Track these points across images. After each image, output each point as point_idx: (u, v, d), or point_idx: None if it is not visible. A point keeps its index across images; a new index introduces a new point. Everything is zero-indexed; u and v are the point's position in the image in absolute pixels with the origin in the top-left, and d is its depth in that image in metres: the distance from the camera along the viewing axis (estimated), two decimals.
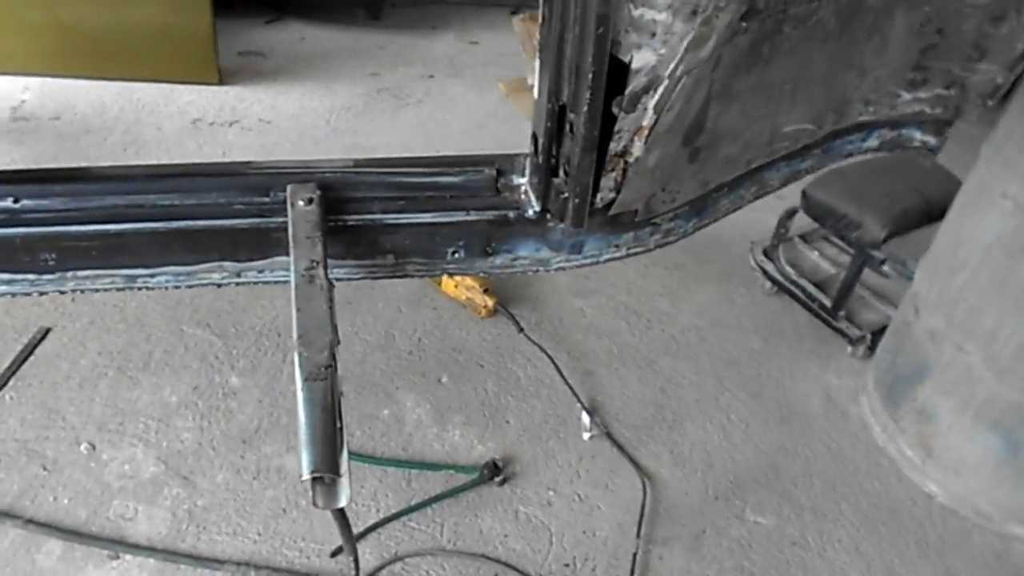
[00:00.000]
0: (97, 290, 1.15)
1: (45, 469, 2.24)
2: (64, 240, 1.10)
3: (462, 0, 5.79)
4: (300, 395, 0.90)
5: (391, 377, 2.66)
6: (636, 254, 1.31)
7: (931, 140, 1.49)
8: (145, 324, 2.75)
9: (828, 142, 1.45)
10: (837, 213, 2.79)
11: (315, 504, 0.88)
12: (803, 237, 3.33)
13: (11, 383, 2.49)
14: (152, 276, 1.17)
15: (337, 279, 1.18)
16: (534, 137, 1.12)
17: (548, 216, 1.20)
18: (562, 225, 1.18)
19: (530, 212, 1.22)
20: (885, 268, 2.94)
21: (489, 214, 1.21)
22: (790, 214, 3.07)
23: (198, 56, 4.19)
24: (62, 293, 1.18)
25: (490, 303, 2.87)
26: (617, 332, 2.95)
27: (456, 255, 1.25)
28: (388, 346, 2.78)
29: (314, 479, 0.85)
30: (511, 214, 1.22)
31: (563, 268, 1.29)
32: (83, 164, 3.03)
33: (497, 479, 2.32)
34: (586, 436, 2.51)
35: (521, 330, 2.86)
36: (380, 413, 2.52)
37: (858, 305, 3.06)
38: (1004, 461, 2.30)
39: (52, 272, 1.14)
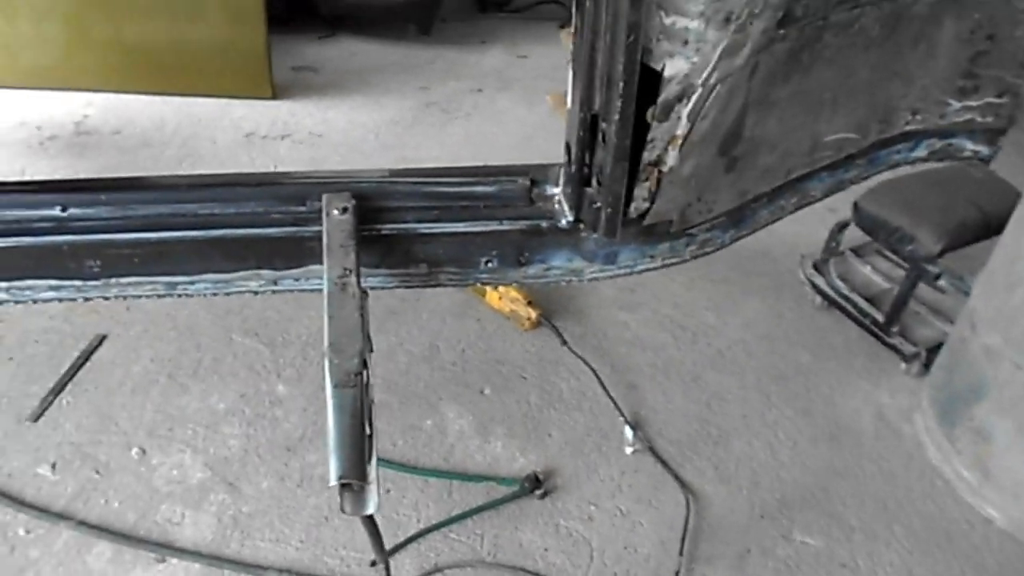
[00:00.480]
0: (139, 296, 1.18)
1: (98, 473, 2.31)
2: (108, 248, 1.14)
3: (511, 14, 5.84)
4: (329, 402, 0.91)
5: (434, 388, 2.67)
6: (671, 265, 1.29)
7: (983, 149, 1.43)
8: (195, 332, 2.82)
9: (873, 152, 1.41)
10: (890, 226, 2.71)
11: (343, 510, 0.89)
12: (855, 251, 3.25)
13: (68, 388, 2.57)
14: (192, 283, 1.20)
15: (371, 288, 1.19)
16: (567, 146, 1.12)
17: (581, 226, 1.19)
18: (595, 235, 1.17)
19: (563, 222, 1.21)
20: (942, 283, 2.85)
21: (522, 224, 1.21)
22: (841, 227, 3.01)
23: (253, 72, 4.30)
24: (106, 299, 1.21)
25: (534, 315, 2.87)
26: (662, 346, 2.92)
27: (489, 264, 1.25)
28: (432, 357, 2.80)
29: (342, 486, 0.86)
30: (544, 224, 1.21)
31: (596, 278, 1.28)
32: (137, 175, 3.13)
33: (538, 492, 2.31)
34: (629, 450, 2.48)
35: (564, 342, 2.85)
36: (423, 424, 2.53)
37: (912, 321, 2.97)
38: None
39: (97, 279, 1.18)
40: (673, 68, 0.93)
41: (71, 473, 2.30)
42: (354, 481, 0.87)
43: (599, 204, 1.10)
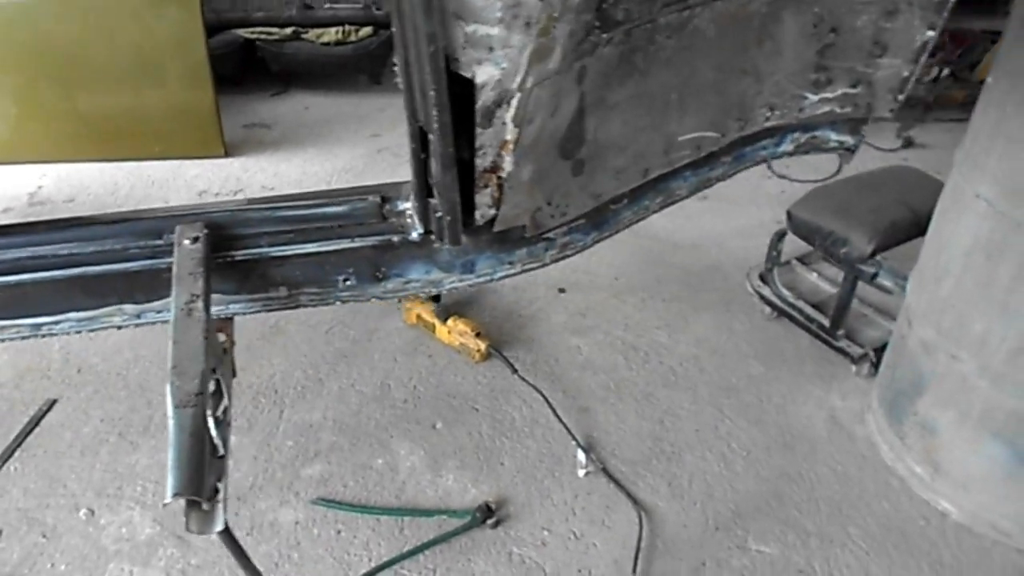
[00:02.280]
0: (3, 340, 1.19)
1: (44, 536, 2.28)
2: None
3: None
4: (170, 422, 0.92)
5: (385, 427, 2.66)
6: (532, 269, 1.31)
7: (848, 139, 1.47)
8: (146, 390, 2.81)
9: (738, 149, 1.45)
10: (823, 231, 2.76)
11: (188, 529, 0.89)
12: (801, 259, 3.29)
13: (16, 454, 2.55)
14: (56, 323, 1.22)
15: (235, 314, 1.21)
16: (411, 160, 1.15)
17: (432, 237, 1.22)
18: (447, 245, 1.20)
19: (414, 235, 1.24)
20: (887, 283, 2.89)
21: (373, 239, 1.24)
22: (780, 236, 3.05)
23: (204, 132, 4.37)
24: None
25: (483, 347, 2.88)
26: (614, 367, 2.93)
27: (348, 282, 1.27)
28: (383, 396, 2.80)
29: (189, 504, 0.87)
30: (395, 238, 1.24)
31: (456, 287, 1.30)
32: None
33: (490, 521, 2.29)
34: (581, 473, 2.47)
35: (515, 371, 2.86)
36: (374, 463, 2.52)
37: (861, 323, 3.00)
38: (1013, 472, 2.20)
39: None
40: (484, 75, 0.97)
41: (17, 539, 2.27)
42: (190, 497, 0.87)
43: (440, 213, 1.12)
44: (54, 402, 2.77)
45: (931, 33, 1.32)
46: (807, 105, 1.40)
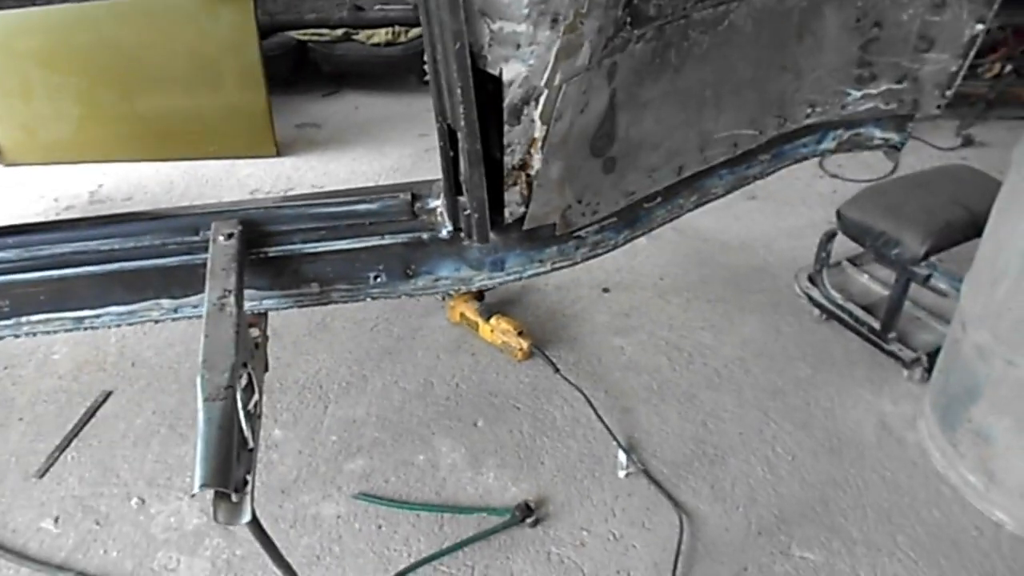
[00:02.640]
0: (49, 332, 1.24)
1: (98, 524, 2.36)
2: (15, 287, 1.20)
3: None
4: (199, 414, 0.94)
5: (427, 424, 2.69)
6: (563, 268, 1.30)
7: (893, 137, 1.43)
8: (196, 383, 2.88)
9: (777, 146, 1.41)
10: (874, 231, 2.68)
11: (216, 520, 0.91)
12: (852, 260, 3.21)
13: (73, 444, 2.65)
14: (97, 316, 1.26)
15: (268, 309, 1.23)
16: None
17: (462, 235, 1.22)
18: (476, 243, 1.20)
19: (444, 232, 1.25)
20: (942, 286, 2.80)
21: (403, 237, 1.25)
22: (830, 237, 2.98)
23: (257, 132, 4.46)
24: (17, 337, 1.27)
25: (525, 345, 2.88)
26: (657, 368, 2.90)
27: (378, 279, 1.29)
28: (426, 393, 2.82)
29: (217, 496, 0.89)
30: (425, 236, 1.25)
31: (486, 286, 1.30)
32: None
33: (529, 520, 2.29)
34: (622, 474, 2.45)
35: (557, 370, 2.85)
36: (415, 459, 2.54)
37: (913, 327, 2.91)
38: None
39: (7, 318, 1.24)
40: (511, 72, 0.97)
41: (72, 525, 2.35)
42: (217, 488, 0.89)
43: (468, 211, 1.13)
44: (109, 394, 2.86)
45: (980, 27, 1.27)
46: (850, 102, 1.36)
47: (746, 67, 1.23)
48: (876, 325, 2.81)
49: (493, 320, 2.96)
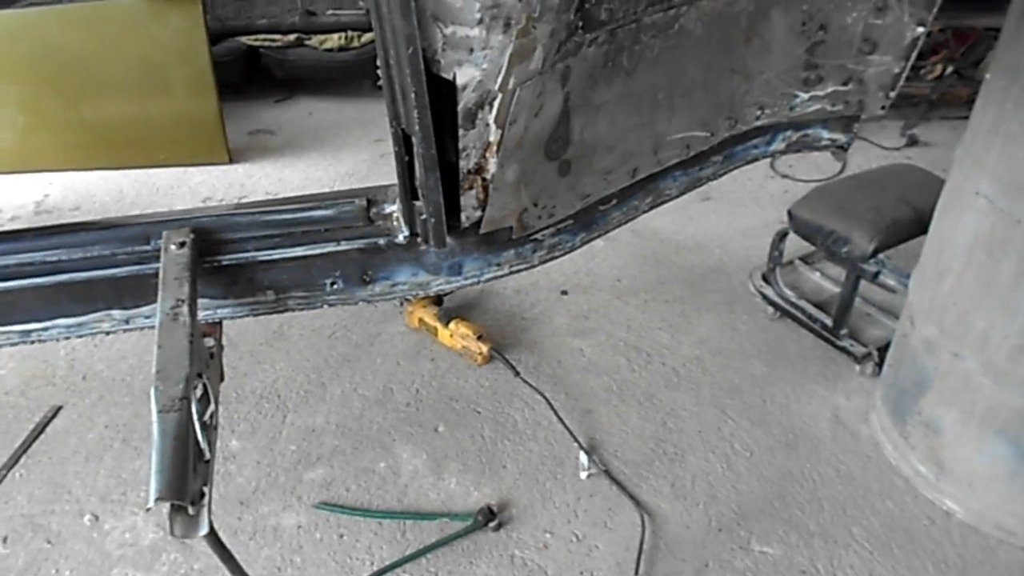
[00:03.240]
0: None
1: (49, 543, 2.29)
2: None
3: None
4: (154, 426, 0.93)
5: (388, 431, 2.67)
6: (520, 271, 1.31)
7: (840, 137, 1.47)
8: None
9: (728, 148, 1.44)
10: (824, 230, 2.74)
11: (172, 533, 0.89)
12: (804, 259, 3.28)
13: (22, 461, 2.57)
14: (45, 329, 1.23)
15: (223, 318, 1.22)
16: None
17: (418, 240, 1.22)
18: (433, 248, 1.20)
19: (400, 237, 1.25)
20: (891, 282, 2.88)
21: (359, 243, 1.25)
22: (781, 236, 3.04)
23: (208, 139, 4.39)
24: None
25: (485, 349, 2.88)
26: (616, 369, 2.92)
27: (335, 286, 1.28)
28: (386, 400, 2.80)
29: (173, 508, 0.87)
30: (382, 241, 1.24)
31: (444, 290, 1.30)
32: None
33: (492, 524, 2.29)
34: (583, 475, 2.47)
35: (517, 374, 2.86)
36: (376, 466, 2.53)
37: (864, 323, 2.99)
38: (1017, 471, 2.18)
39: None
40: (465, 76, 0.97)
41: (22, 545, 2.29)
42: (173, 501, 0.87)
43: (425, 216, 1.13)
44: (59, 408, 2.79)
45: (921, 29, 1.31)
46: (798, 103, 1.39)
47: (697, 70, 1.25)
48: (828, 322, 2.88)
49: (452, 325, 2.96)
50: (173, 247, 1.19)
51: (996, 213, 2.03)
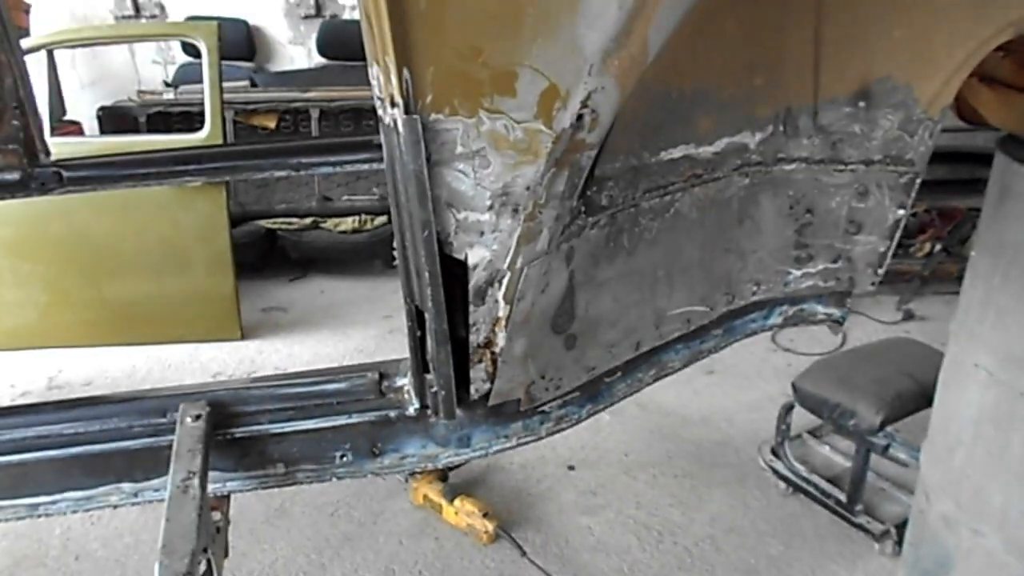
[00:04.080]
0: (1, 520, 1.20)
1: None
2: None
3: None
4: None
5: None
6: (528, 443, 1.32)
7: (835, 312, 1.53)
8: (154, 571, 2.73)
9: (727, 322, 1.50)
10: (830, 403, 2.75)
11: None
12: (812, 432, 3.26)
13: None
14: (53, 503, 1.23)
15: (232, 491, 1.22)
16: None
17: (428, 412, 1.25)
18: (443, 420, 1.22)
19: (411, 410, 1.27)
20: (902, 456, 2.85)
21: (370, 415, 1.27)
22: (788, 409, 3.04)
23: (222, 317, 4.50)
24: None
25: (490, 528, 2.80)
26: (627, 549, 2.83)
27: (345, 458, 1.29)
28: None
29: None
30: (392, 413, 1.27)
31: (453, 463, 1.31)
32: None
33: None
34: None
35: (524, 554, 2.76)
36: None
37: (879, 498, 2.92)
38: None
39: None
40: (476, 256, 1.05)
41: None
42: None
43: (435, 388, 1.17)
44: None
45: (902, 212, 1.41)
46: (791, 280, 1.47)
47: (693, 250, 1.33)
48: (842, 497, 2.81)
49: (457, 501, 2.90)
50: (189, 419, 1.22)
51: (998, 385, 2.05)
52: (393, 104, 0.95)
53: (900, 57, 1.31)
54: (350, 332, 4.71)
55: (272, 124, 5.51)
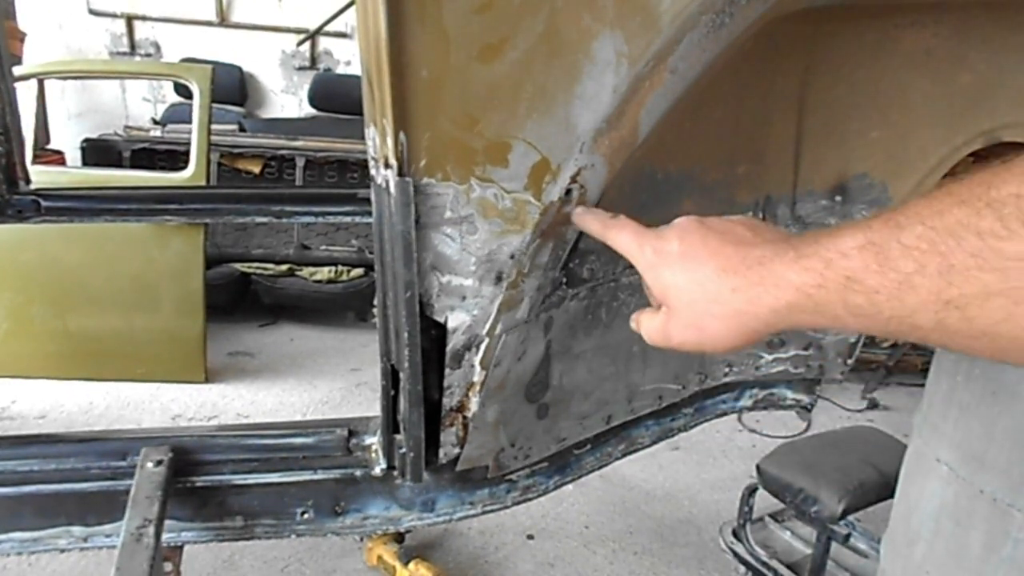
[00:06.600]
0: None
1: None
2: None
3: None
4: None
5: None
6: (493, 511, 1.31)
7: (803, 398, 1.55)
8: None
9: (699, 401, 1.52)
10: (793, 488, 2.75)
11: None
12: (774, 516, 3.25)
13: None
14: None
15: (187, 542, 1.19)
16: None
17: (395, 473, 1.23)
18: (409, 482, 1.21)
19: (377, 470, 1.26)
20: (862, 546, 2.85)
21: (336, 472, 1.25)
22: (751, 491, 3.03)
23: (188, 358, 4.43)
24: None
25: None
26: None
27: (306, 515, 1.27)
28: None
29: None
30: (358, 472, 1.25)
31: (415, 527, 1.29)
32: None
33: None
34: None
35: None
36: None
37: None
38: None
39: None
40: (456, 320, 1.05)
41: None
42: None
43: (404, 449, 1.16)
44: None
45: None
46: (763, 364, 1.49)
47: None
48: None
49: (412, 565, 2.83)
50: (150, 464, 1.19)
51: (958, 482, 2.06)
52: (387, 165, 0.97)
53: (877, 156, 1.36)
54: (317, 383, 4.65)
55: (257, 169, 5.54)
